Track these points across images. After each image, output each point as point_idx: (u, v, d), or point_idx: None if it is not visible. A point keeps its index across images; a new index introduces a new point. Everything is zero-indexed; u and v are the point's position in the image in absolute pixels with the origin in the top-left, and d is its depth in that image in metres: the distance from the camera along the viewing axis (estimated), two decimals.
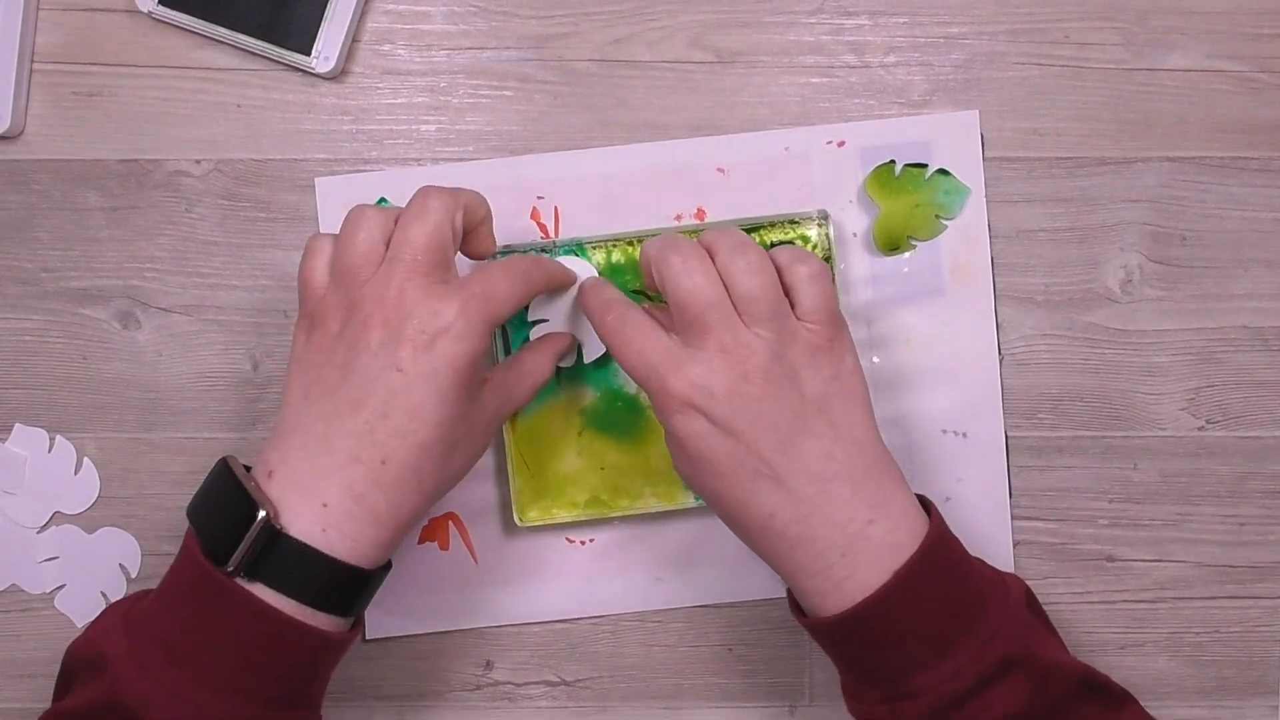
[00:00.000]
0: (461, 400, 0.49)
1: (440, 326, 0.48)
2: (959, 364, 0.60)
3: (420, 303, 0.49)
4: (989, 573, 0.52)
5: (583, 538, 0.61)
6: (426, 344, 0.48)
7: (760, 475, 0.49)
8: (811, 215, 0.59)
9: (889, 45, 0.60)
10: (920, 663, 0.49)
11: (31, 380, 0.61)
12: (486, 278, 0.50)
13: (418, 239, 0.49)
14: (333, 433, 0.49)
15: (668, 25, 0.60)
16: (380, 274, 0.49)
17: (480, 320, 0.49)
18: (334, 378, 0.49)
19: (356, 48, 0.61)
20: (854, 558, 0.49)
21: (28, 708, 0.63)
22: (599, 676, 0.62)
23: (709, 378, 0.49)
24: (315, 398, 0.49)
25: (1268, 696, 0.62)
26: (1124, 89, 0.60)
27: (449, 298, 0.49)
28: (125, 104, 0.61)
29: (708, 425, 0.49)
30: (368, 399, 0.48)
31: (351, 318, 0.49)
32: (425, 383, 0.48)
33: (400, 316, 0.48)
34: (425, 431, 0.49)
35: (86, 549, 0.62)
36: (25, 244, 0.61)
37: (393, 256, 0.49)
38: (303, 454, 0.49)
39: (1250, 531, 0.61)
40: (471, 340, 0.49)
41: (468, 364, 0.49)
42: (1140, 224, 0.60)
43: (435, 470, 0.50)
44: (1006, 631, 0.49)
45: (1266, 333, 0.60)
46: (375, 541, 0.49)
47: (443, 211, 0.50)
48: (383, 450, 0.48)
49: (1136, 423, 0.61)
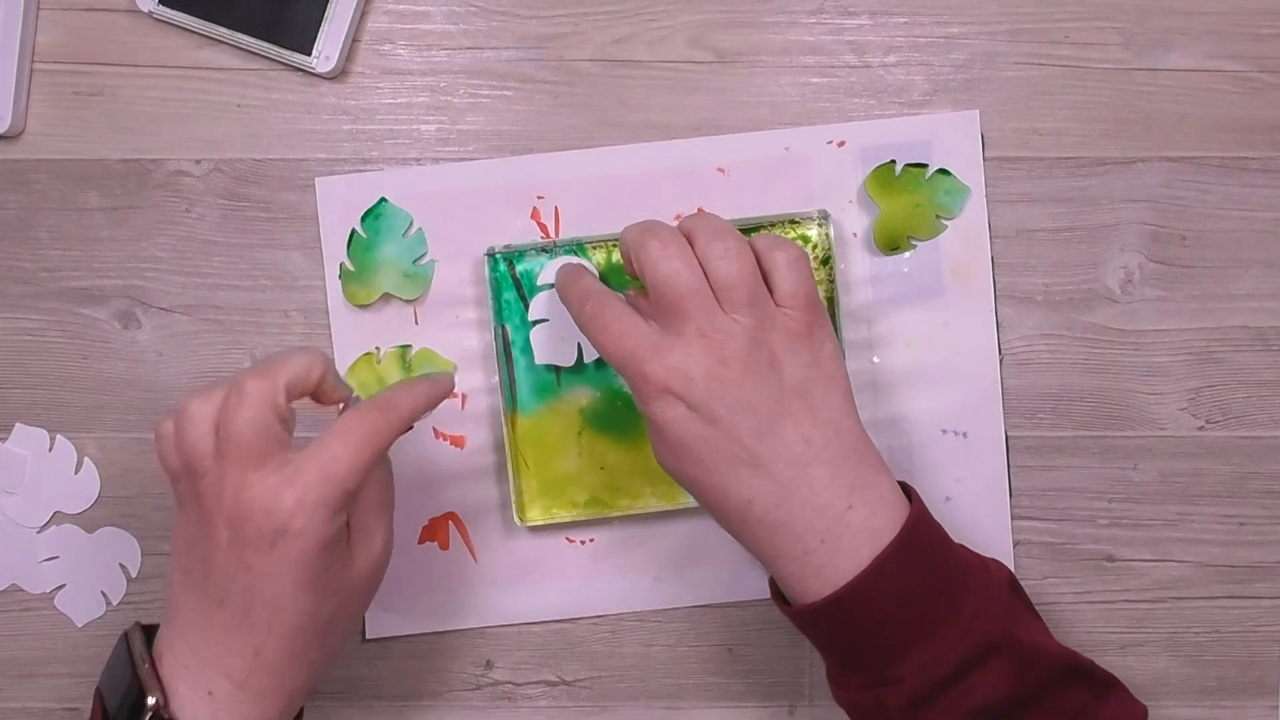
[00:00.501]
0: (321, 581, 0.48)
1: (277, 527, 0.46)
2: (959, 364, 0.60)
3: (254, 502, 0.47)
4: (970, 557, 0.51)
5: (583, 538, 0.61)
6: (269, 544, 0.47)
7: (739, 461, 0.49)
8: (811, 215, 0.59)
9: (889, 45, 0.60)
10: (902, 649, 0.48)
11: (31, 380, 0.61)
12: (322, 455, 0.47)
13: (239, 433, 0.47)
14: (206, 624, 0.49)
15: (668, 25, 0.60)
16: (213, 472, 0.47)
17: (321, 508, 0.47)
18: (197, 570, 0.49)
19: (357, 48, 0.61)
20: (833, 543, 0.49)
21: (28, 707, 0.63)
22: (599, 676, 0.62)
23: (687, 363, 0.49)
24: (187, 585, 0.49)
25: (1268, 696, 0.62)
26: (1124, 89, 0.60)
27: (283, 492, 0.46)
28: (126, 104, 0.61)
29: (686, 411, 0.49)
30: (227, 596, 0.48)
31: (202, 509, 0.48)
32: (276, 581, 0.47)
33: (238, 517, 0.47)
34: (291, 620, 0.48)
35: (86, 549, 0.62)
36: (25, 244, 0.61)
37: (220, 452, 0.47)
38: (184, 641, 0.49)
39: (1250, 531, 0.61)
40: (313, 532, 0.47)
41: (316, 554, 0.47)
42: (1140, 224, 0.60)
43: (316, 646, 0.50)
44: (988, 616, 0.49)
45: (1266, 333, 0.60)
46: (266, 715, 0.49)
47: (259, 399, 0.47)
48: (253, 642, 0.48)
49: (1136, 423, 0.61)
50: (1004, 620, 0.49)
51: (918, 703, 0.48)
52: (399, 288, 0.60)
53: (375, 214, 0.60)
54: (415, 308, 0.60)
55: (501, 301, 0.59)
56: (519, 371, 0.59)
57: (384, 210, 0.60)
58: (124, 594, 0.62)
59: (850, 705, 0.51)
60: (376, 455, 0.49)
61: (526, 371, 0.59)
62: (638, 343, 0.49)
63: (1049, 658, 0.50)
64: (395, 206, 0.60)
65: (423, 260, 0.60)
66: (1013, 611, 0.50)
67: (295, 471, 0.47)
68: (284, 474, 0.47)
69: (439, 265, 0.60)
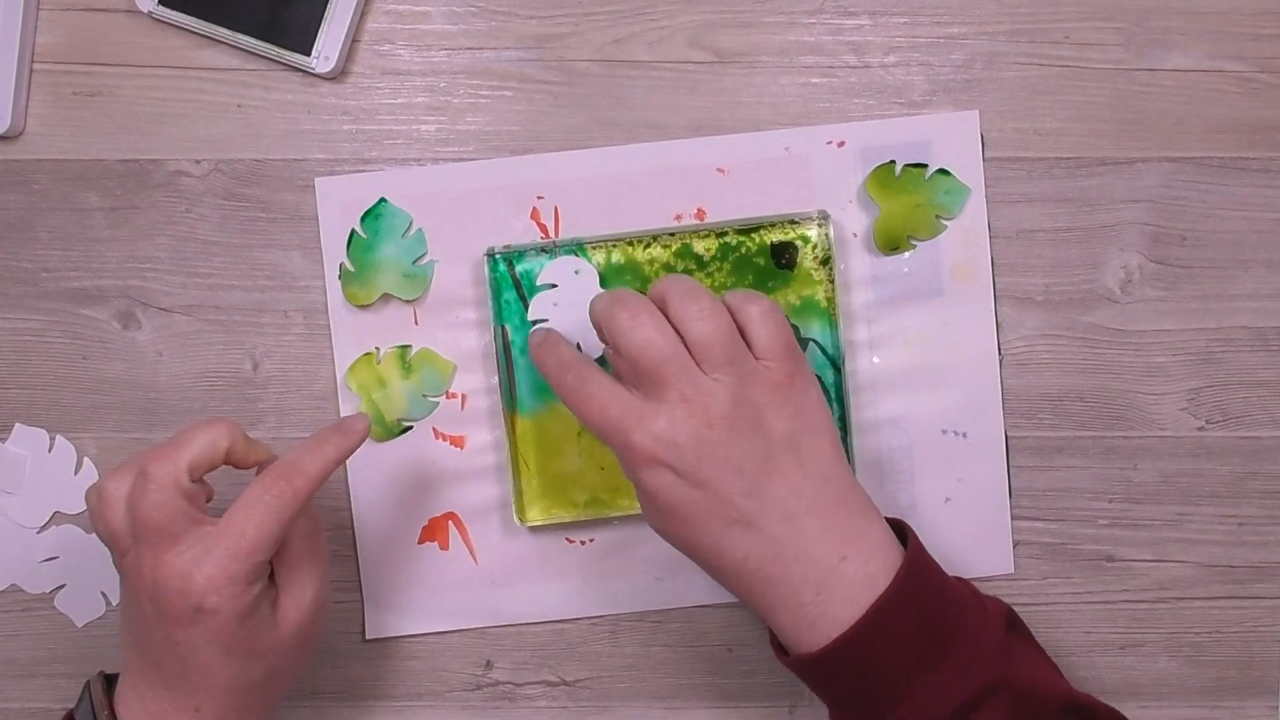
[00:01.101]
0: (248, 644, 0.50)
1: (194, 605, 0.48)
2: (959, 364, 0.60)
3: (168, 583, 0.48)
4: (969, 597, 0.51)
5: (583, 538, 0.61)
6: (189, 620, 0.49)
7: (731, 521, 0.49)
8: (811, 215, 0.59)
9: (889, 45, 0.60)
10: (899, 695, 0.48)
11: (31, 380, 0.61)
12: (229, 530, 0.49)
13: (147, 518, 0.49)
14: (150, 682, 0.51)
15: (668, 25, 0.60)
16: (132, 552, 0.50)
17: (232, 584, 0.48)
18: (136, 633, 0.51)
19: (356, 48, 0.61)
20: (828, 594, 0.49)
21: (27, 708, 0.63)
22: (599, 676, 0.62)
23: (672, 430, 0.48)
24: (131, 643, 0.52)
25: (1268, 696, 0.62)
26: (1124, 89, 0.60)
27: (193, 572, 0.48)
28: (125, 104, 0.61)
29: (674, 478, 0.48)
30: (163, 662, 0.50)
31: (127, 583, 0.51)
32: (202, 651, 0.49)
33: (156, 596, 0.49)
34: (223, 683, 0.50)
35: (86, 549, 0.62)
36: (25, 244, 0.61)
37: (133, 534, 0.49)
38: (135, 694, 0.51)
39: (1250, 531, 0.61)
40: (228, 607, 0.49)
41: (234, 625, 0.49)
42: (1140, 224, 0.60)
43: (256, 700, 0.52)
44: (984, 658, 0.49)
45: (1266, 333, 0.60)
46: None
47: (162, 483, 0.49)
48: (193, 701, 0.50)
49: (1136, 423, 0.61)
50: (1001, 661, 0.49)
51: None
52: (399, 288, 0.60)
53: (375, 214, 0.60)
54: (415, 308, 0.60)
55: (501, 301, 0.59)
56: (519, 371, 0.59)
57: (384, 210, 0.60)
58: None
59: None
60: (284, 524, 0.50)
61: (526, 371, 0.59)
62: (621, 413, 0.49)
63: (1047, 697, 0.50)
64: (395, 207, 0.60)
65: (422, 260, 0.60)
66: (1010, 651, 0.50)
67: (204, 550, 0.48)
68: (194, 553, 0.49)
69: (439, 265, 0.60)
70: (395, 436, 0.61)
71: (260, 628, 0.50)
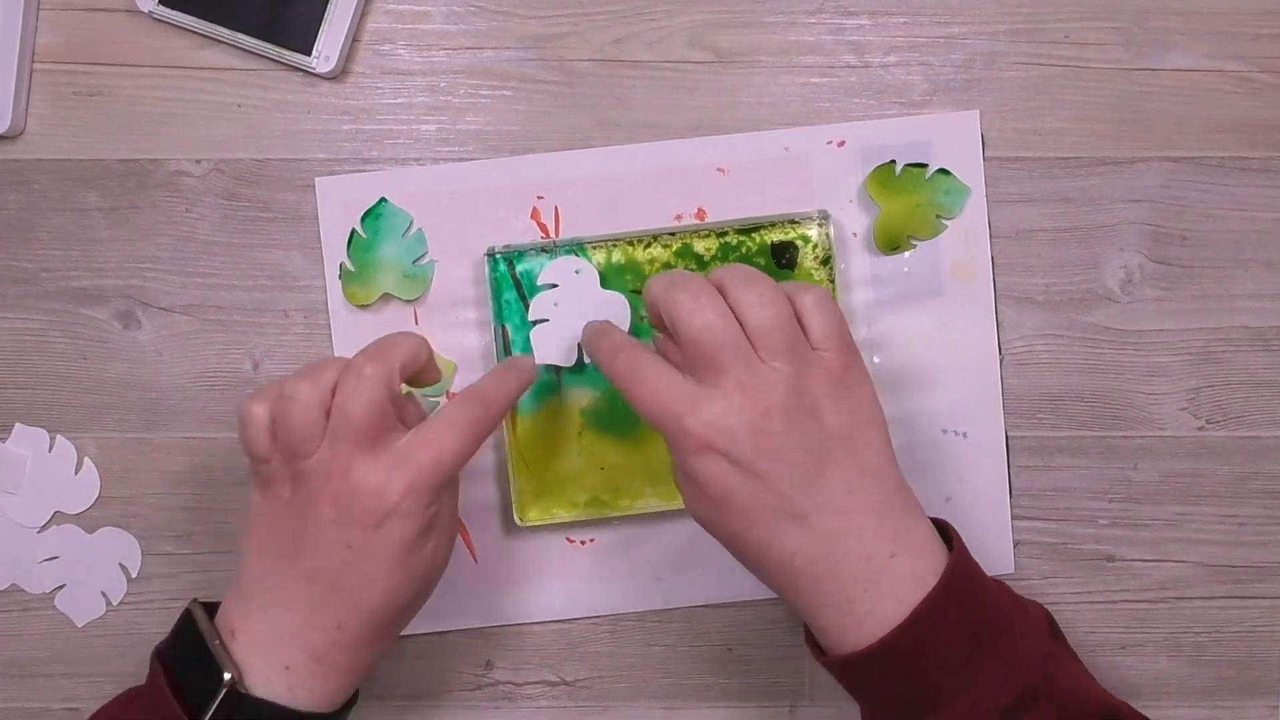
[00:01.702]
0: (410, 564, 0.50)
1: (387, 508, 0.48)
2: (959, 364, 0.60)
3: (365, 481, 0.48)
4: (1010, 600, 0.50)
5: (583, 538, 0.61)
6: (375, 524, 0.48)
7: (782, 514, 0.48)
8: (811, 215, 0.59)
9: (889, 45, 0.60)
10: (942, 697, 0.47)
11: (31, 380, 0.61)
12: (435, 441, 0.49)
13: (356, 416, 0.48)
14: (289, 599, 0.50)
15: (668, 25, 0.60)
16: (323, 451, 0.49)
17: (428, 492, 0.49)
18: (287, 547, 0.50)
19: (357, 48, 0.61)
20: (877, 592, 0.48)
21: (27, 708, 0.63)
22: (599, 676, 0.62)
23: (729, 417, 0.47)
24: (270, 561, 0.50)
25: (1268, 696, 0.62)
26: (1124, 89, 0.60)
27: (395, 474, 0.48)
28: (125, 104, 0.61)
29: (728, 466, 0.47)
30: (320, 571, 0.49)
31: (300, 487, 0.49)
32: (374, 558, 0.49)
33: (347, 495, 0.48)
34: (378, 600, 0.50)
35: (86, 549, 0.62)
36: (25, 244, 0.61)
37: (333, 434, 0.49)
38: (262, 617, 0.50)
39: (1250, 531, 0.61)
40: (421, 516, 0.49)
41: (415, 538, 0.49)
42: (1140, 224, 0.60)
43: (389, 628, 0.51)
44: (1028, 661, 0.48)
45: (1266, 333, 0.60)
46: (339, 689, 0.51)
47: (379, 383, 0.49)
48: (336, 617, 0.50)
49: (1136, 423, 0.61)
50: (1043, 666, 0.48)
51: None
52: (399, 288, 0.60)
53: (375, 214, 0.60)
54: (415, 308, 0.60)
55: (501, 301, 0.59)
56: None
57: (384, 210, 0.60)
58: (124, 594, 0.62)
59: None
60: (475, 447, 0.51)
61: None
62: (675, 396, 0.48)
63: (1089, 704, 0.49)
64: (395, 206, 0.60)
65: (423, 260, 0.60)
66: (1052, 656, 0.49)
67: (407, 456, 0.49)
68: (396, 457, 0.49)
69: (439, 265, 0.60)
70: None
71: (423, 550, 0.50)
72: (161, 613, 0.62)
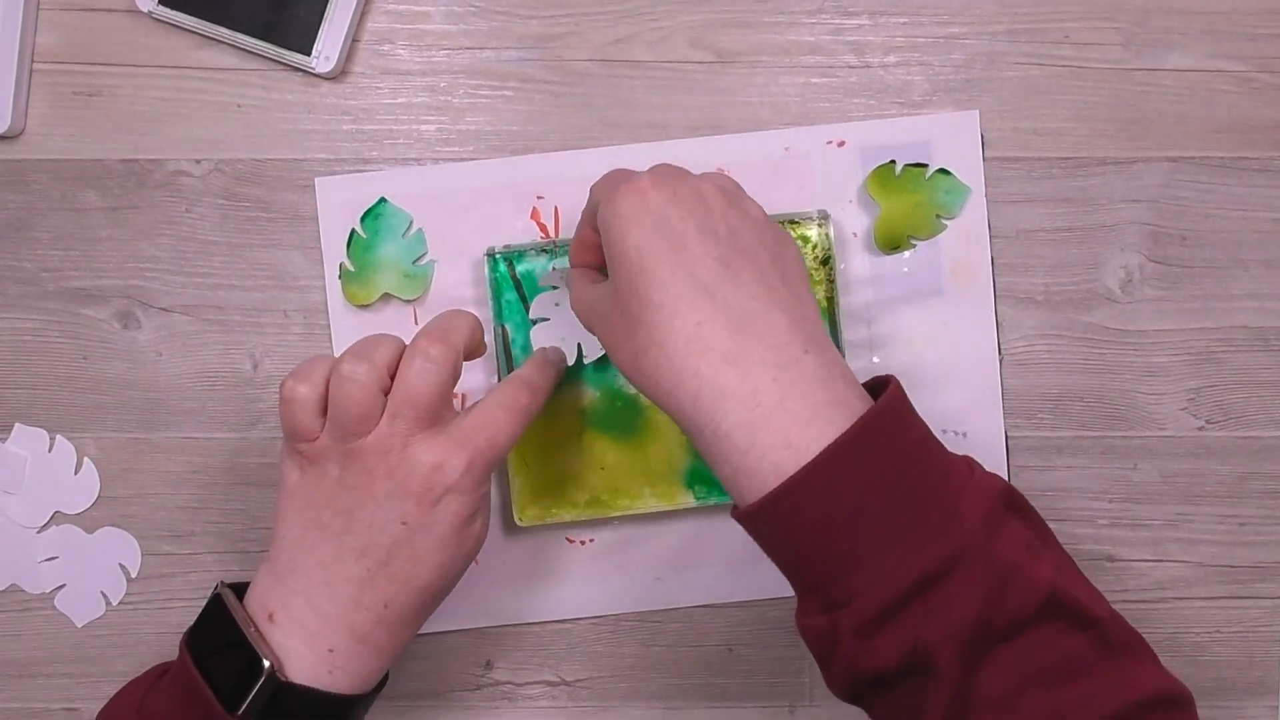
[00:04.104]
0: (460, 541, 0.50)
1: (447, 484, 0.49)
2: (959, 364, 0.60)
3: (424, 459, 0.49)
4: (955, 463, 0.45)
5: (583, 538, 0.61)
6: (433, 500, 0.49)
7: (699, 287, 0.45)
8: (811, 215, 0.59)
9: (889, 45, 0.60)
10: (854, 561, 0.42)
11: (31, 380, 0.61)
12: (491, 423, 0.50)
13: (421, 397, 0.49)
14: (334, 578, 0.50)
15: (668, 25, 0.60)
16: (383, 429, 0.49)
17: (483, 471, 0.50)
18: (336, 523, 0.50)
19: (357, 48, 0.61)
20: (777, 419, 0.43)
21: (27, 708, 0.63)
22: (599, 676, 0.62)
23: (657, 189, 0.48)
24: (315, 540, 0.50)
25: (1268, 696, 0.62)
26: (1124, 89, 0.60)
27: (455, 452, 0.49)
28: (125, 104, 0.61)
29: (654, 227, 0.47)
30: (371, 547, 0.49)
31: (352, 464, 0.49)
32: (428, 534, 0.49)
33: (405, 471, 0.49)
34: (427, 576, 0.50)
35: (86, 549, 0.62)
36: (25, 244, 0.61)
37: (395, 413, 0.49)
38: (304, 599, 0.50)
39: (1250, 531, 0.61)
40: (475, 494, 0.50)
41: (468, 515, 0.50)
42: (1140, 224, 0.60)
43: (428, 609, 0.52)
44: (960, 527, 0.42)
45: (1266, 333, 0.60)
46: (377, 669, 0.51)
47: (446, 365, 0.50)
48: (385, 595, 0.50)
49: (1136, 423, 0.61)
50: (980, 533, 0.42)
51: (867, 626, 0.42)
52: (399, 288, 0.60)
53: (375, 214, 0.60)
54: (415, 308, 0.60)
55: (502, 302, 0.59)
56: None
57: (384, 210, 0.60)
58: (124, 594, 0.62)
59: (809, 634, 0.45)
60: (522, 431, 0.52)
61: None
62: None
63: (1030, 585, 0.42)
64: (395, 207, 0.60)
65: (422, 260, 0.60)
66: (997, 527, 0.43)
67: (466, 436, 0.50)
68: (455, 436, 0.50)
69: (439, 265, 0.60)
70: None
71: (472, 527, 0.51)
72: (161, 613, 0.62)
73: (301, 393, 0.50)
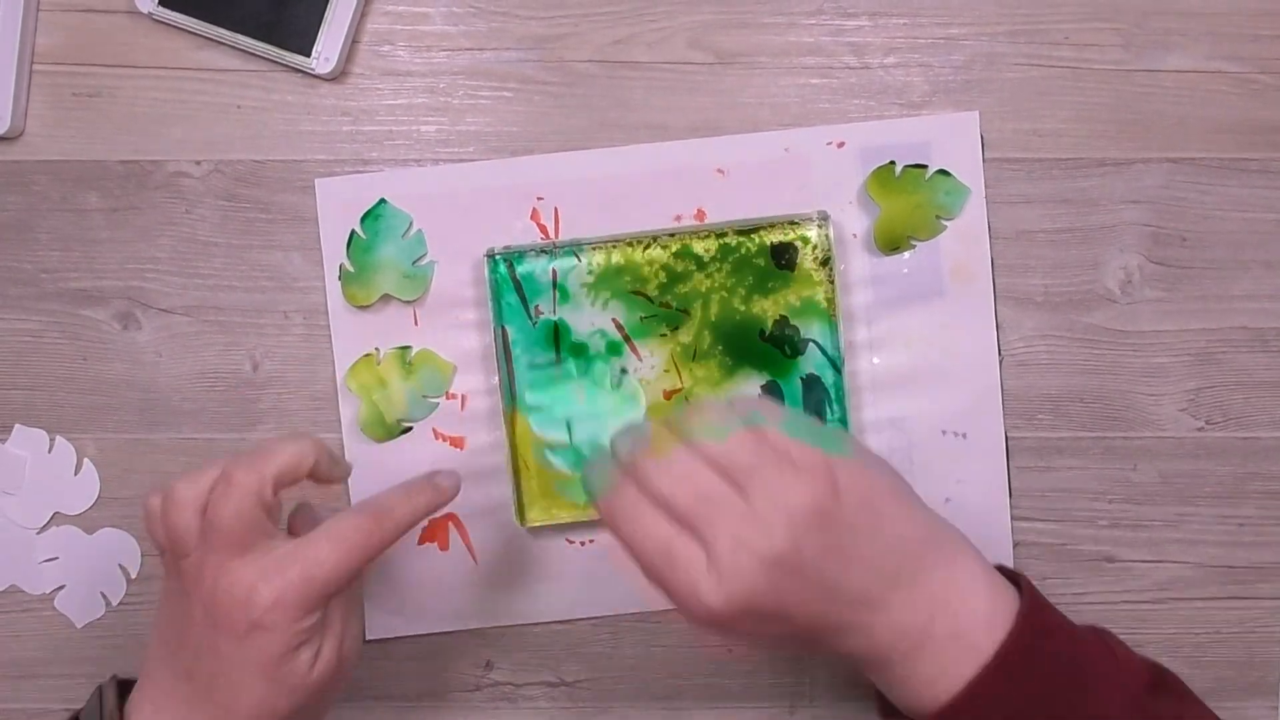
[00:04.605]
0: (282, 677, 0.49)
1: (252, 620, 0.47)
2: (959, 364, 0.60)
3: (231, 591, 0.48)
4: (1101, 654, 0.48)
5: (583, 538, 0.61)
6: (242, 634, 0.48)
7: (826, 628, 0.46)
8: (811, 216, 0.59)
9: (889, 46, 0.60)
10: None
11: (31, 380, 0.61)
12: (309, 556, 0.48)
13: (223, 523, 0.48)
14: (172, 693, 0.50)
15: (667, 26, 0.60)
16: (196, 556, 0.48)
17: (297, 607, 0.48)
18: (172, 640, 0.50)
19: (356, 49, 0.61)
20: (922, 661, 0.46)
21: (27, 708, 0.63)
22: (599, 676, 0.62)
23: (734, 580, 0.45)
24: (162, 651, 0.51)
25: (1268, 696, 0.62)
26: (1124, 90, 0.60)
27: (261, 586, 0.47)
28: (125, 104, 0.61)
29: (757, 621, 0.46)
30: (196, 671, 0.49)
31: (180, 586, 0.50)
32: (241, 669, 0.48)
33: (213, 603, 0.48)
34: (249, 708, 0.49)
35: (86, 549, 0.62)
36: (25, 244, 0.61)
37: (204, 540, 0.48)
38: (151, 706, 0.50)
39: (1250, 531, 0.61)
40: (285, 630, 0.48)
41: (284, 651, 0.48)
42: (1140, 225, 0.60)
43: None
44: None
45: (1266, 333, 0.60)
46: None
47: (245, 492, 0.48)
48: (213, 716, 0.49)
49: (1136, 423, 0.61)
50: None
51: None
52: (399, 289, 0.60)
53: (375, 215, 0.60)
54: (415, 309, 0.60)
55: (502, 303, 0.59)
56: (519, 372, 0.59)
57: (383, 211, 0.60)
58: (123, 595, 0.62)
59: None
60: (363, 564, 0.49)
61: (526, 372, 0.59)
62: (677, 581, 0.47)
63: None
64: (395, 208, 0.60)
65: (422, 261, 0.60)
66: (1152, 717, 0.47)
67: (277, 567, 0.48)
68: (265, 566, 0.48)
69: (439, 266, 0.60)
70: (395, 437, 0.61)
71: (300, 663, 0.49)
72: None
73: (150, 505, 0.50)
